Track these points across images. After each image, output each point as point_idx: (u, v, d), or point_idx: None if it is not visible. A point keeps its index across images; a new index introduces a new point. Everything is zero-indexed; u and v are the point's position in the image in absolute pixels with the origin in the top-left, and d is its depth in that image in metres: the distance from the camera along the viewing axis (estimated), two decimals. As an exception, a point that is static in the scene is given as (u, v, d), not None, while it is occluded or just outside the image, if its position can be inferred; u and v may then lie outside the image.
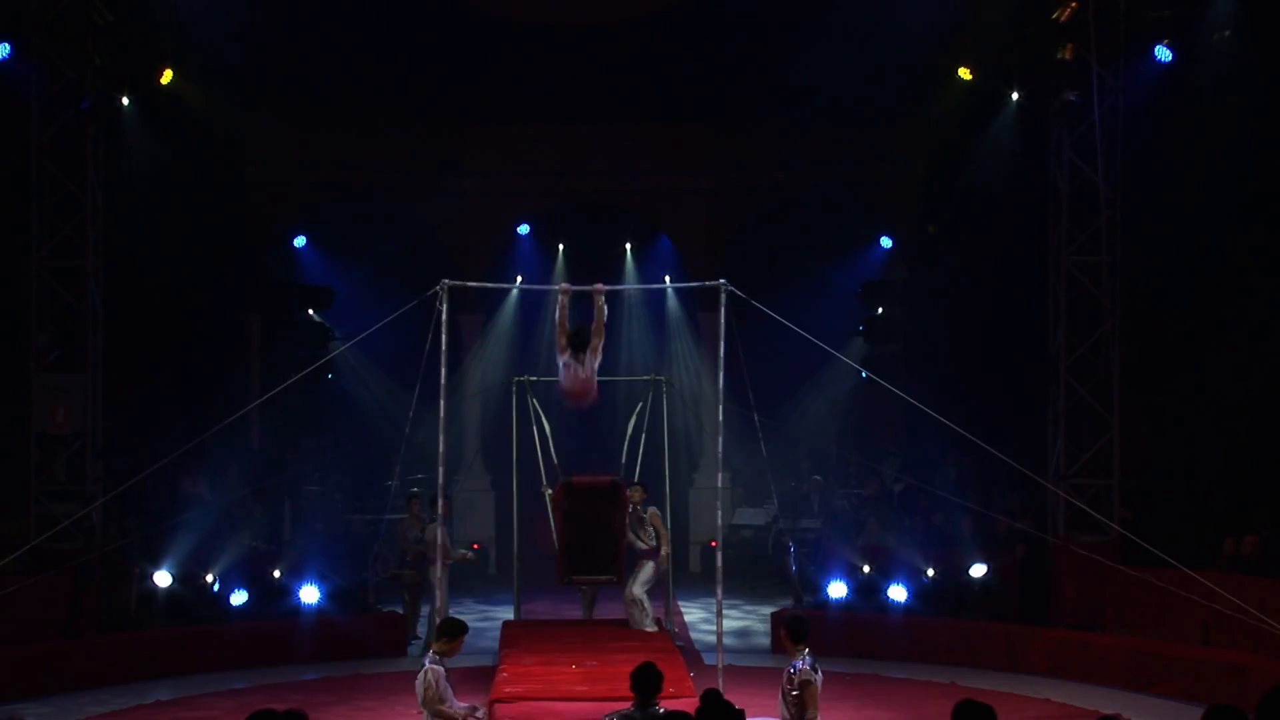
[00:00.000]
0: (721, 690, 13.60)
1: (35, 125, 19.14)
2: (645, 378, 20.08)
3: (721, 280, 14.43)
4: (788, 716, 11.89)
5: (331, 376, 25.05)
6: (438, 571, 15.73)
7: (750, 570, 24.59)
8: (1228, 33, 19.12)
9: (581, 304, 15.72)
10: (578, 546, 18.45)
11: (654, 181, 27.22)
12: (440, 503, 16.19)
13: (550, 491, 18.63)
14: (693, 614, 21.90)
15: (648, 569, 18.11)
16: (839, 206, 26.54)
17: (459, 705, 12.36)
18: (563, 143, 27.05)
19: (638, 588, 17.99)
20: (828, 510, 24.41)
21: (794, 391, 26.01)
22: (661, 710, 10.59)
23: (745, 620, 21.68)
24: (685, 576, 24.55)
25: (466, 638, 12.74)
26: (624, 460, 18.94)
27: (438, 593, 19.13)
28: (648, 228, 28.02)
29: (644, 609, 17.98)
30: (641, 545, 18.23)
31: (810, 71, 23.13)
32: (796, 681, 11.77)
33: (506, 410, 19.64)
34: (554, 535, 18.53)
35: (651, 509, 18.38)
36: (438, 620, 19.17)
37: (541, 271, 27.79)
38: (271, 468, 23.47)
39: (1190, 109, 19.21)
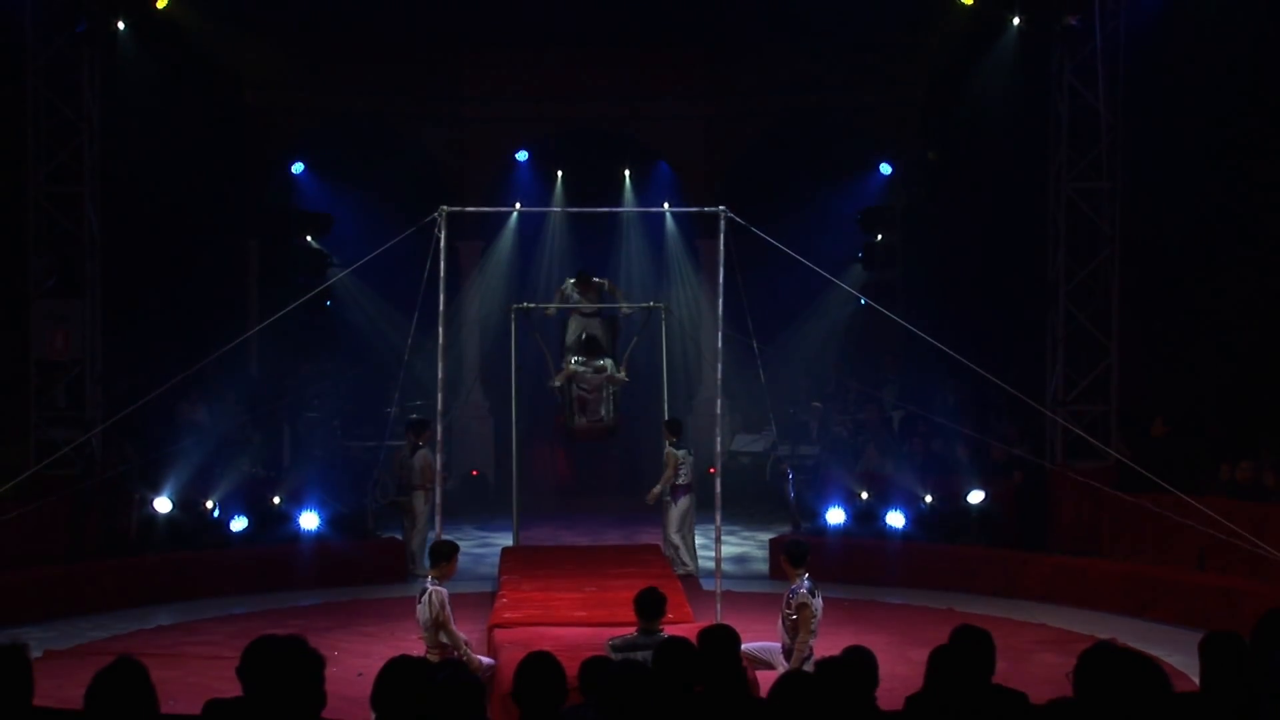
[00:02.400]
0: (719, 615, 13.71)
1: (31, 49, 18.98)
2: (644, 304, 20.06)
3: (721, 206, 14.39)
4: (786, 640, 12.00)
5: (330, 303, 25.05)
6: (437, 498, 15.70)
7: (748, 497, 24.65)
8: (1231, -44, 19.01)
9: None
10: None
11: (653, 107, 27.06)
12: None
13: (557, 384, 18.93)
14: (691, 540, 21.97)
15: (673, 510, 18.50)
16: (838, 132, 26.40)
17: (463, 638, 12.44)
18: (562, 68, 26.88)
19: (674, 533, 18.39)
20: (826, 437, 24.46)
21: (793, 318, 26.00)
22: (663, 634, 10.67)
23: (743, 546, 21.76)
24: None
25: (468, 565, 12.85)
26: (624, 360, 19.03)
27: (419, 521, 19.27)
28: (647, 154, 27.90)
29: (680, 552, 18.41)
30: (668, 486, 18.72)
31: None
32: (794, 605, 11.87)
33: (505, 337, 19.65)
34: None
35: (667, 450, 18.73)
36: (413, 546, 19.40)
37: (540, 197, 27.70)
38: (270, 394, 23.49)
39: (1193, 34, 19.08)
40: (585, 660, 7.34)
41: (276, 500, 20.04)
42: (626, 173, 28.19)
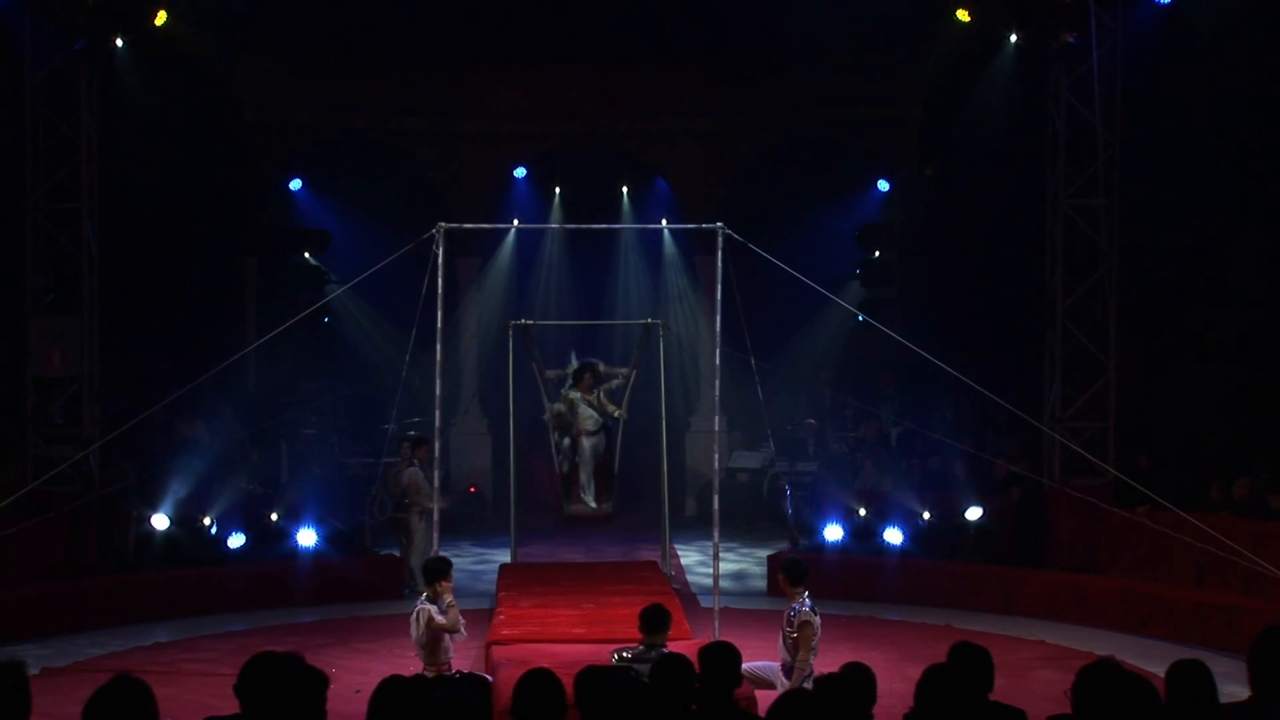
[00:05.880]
0: (717, 632, 13.70)
1: (28, 67, 19.03)
2: (642, 321, 20.05)
3: (719, 223, 14.40)
4: (787, 658, 11.97)
5: (328, 320, 25.05)
6: (434, 515, 15.67)
7: (746, 513, 24.64)
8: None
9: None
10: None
11: (651, 124, 27.07)
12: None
13: (551, 417, 18.83)
14: (689, 557, 21.95)
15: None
16: (836, 149, 26.46)
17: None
18: (560, 85, 26.87)
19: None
20: (824, 453, 24.45)
21: (790, 335, 25.98)
22: (665, 649, 10.68)
23: (741, 563, 21.73)
24: (682, 520, 24.60)
25: (465, 581, 12.81)
26: (623, 400, 18.96)
27: (415, 539, 19.19)
28: (645, 171, 27.90)
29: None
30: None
31: (808, 13, 23.02)
32: (796, 623, 11.84)
33: (503, 353, 19.61)
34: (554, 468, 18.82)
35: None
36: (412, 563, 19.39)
37: (538, 214, 27.71)
38: (268, 411, 23.46)
39: (1189, 51, 19.12)
40: (582, 670, 7.30)
41: (274, 517, 20.01)
42: (624, 189, 28.18)
